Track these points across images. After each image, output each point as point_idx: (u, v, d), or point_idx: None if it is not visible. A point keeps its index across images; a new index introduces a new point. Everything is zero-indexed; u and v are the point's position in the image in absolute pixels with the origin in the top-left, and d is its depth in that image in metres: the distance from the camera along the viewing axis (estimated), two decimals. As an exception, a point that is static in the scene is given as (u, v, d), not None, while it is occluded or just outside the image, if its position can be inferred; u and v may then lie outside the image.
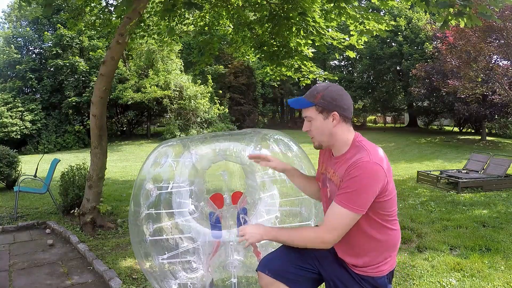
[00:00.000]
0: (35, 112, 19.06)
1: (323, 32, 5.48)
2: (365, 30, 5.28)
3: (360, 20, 5.16)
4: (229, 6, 5.99)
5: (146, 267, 2.60)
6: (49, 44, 20.05)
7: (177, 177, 2.56)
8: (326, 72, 7.34)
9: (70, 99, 19.14)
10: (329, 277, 1.77)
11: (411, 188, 7.32)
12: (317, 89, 1.68)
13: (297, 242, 1.67)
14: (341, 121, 1.66)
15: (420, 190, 7.08)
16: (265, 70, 7.28)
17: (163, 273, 2.49)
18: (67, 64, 19.26)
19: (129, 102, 18.97)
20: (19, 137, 18.09)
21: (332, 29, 5.79)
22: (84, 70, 19.40)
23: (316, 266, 1.78)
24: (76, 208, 4.82)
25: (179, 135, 18.61)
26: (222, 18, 6.56)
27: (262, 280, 1.78)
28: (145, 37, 6.58)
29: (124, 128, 23.24)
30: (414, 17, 22.50)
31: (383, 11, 22.04)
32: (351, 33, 5.58)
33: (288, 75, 6.77)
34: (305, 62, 6.39)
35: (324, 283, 1.85)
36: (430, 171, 8.33)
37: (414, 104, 23.81)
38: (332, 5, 4.91)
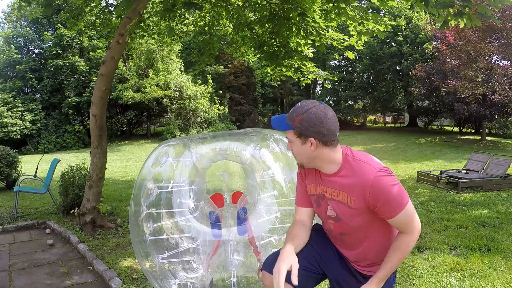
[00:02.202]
0: (35, 112, 19.06)
1: (323, 32, 5.48)
2: (364, 31, 5.29)
3: (360, 21, 5.16)
4: (229, 6, 5.99)
5: (146, 267, 2.61)
6: (49, 44, 20.07)
7: (177, 177, 2.56)
8: (326, 72, 7.35)
9: (70, 99, 19.15)
10: (333, 277, 1.82)
11: (411, 188, 7.32)
12: (297, 110, 1.60)
13: (404, 258, 1.68)
14: (320, 146, 1.60)
15: (420, 190, 7.08)
16: (265, 70, 7.29)
17: (163, 272, 2.49)
18: (67, 64, 19.27)
19: (129, 102, 18.98)
20: (19, 137, 18.10)
21: (332, 29, 5.80)
22: (84, 70, 19.41)
23: (320, 267, 1.80)
24: (76, 208, 4.82)
25: (179, 135, 18.61)
26: (222, 18, 6.57)
27: (266, 279, 1.78)
28: (145, 37, 6.58)
29: (124, 128, 23.25)
30: (414, 17, 22.51)
31: (383, 11, 22.05)
32: (351, 33, 5.58)
33: (288, 75, 6.77)
34: (305, 62, 6.39)
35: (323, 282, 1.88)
36: (430, 171, 8.33)
37: (414, 104, 23.82)
38: (331, 5, 4.92)
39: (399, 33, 22.30)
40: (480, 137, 19.06)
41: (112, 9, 6.11)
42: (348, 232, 1.71)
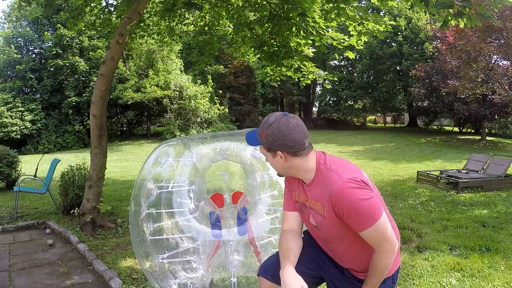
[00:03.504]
0: (35, 112, 19.06)
1: (323, 32, 5.48)
2: (364, 31, 5.29)
3: (359, 21, 5.16)
4: (229, 6, 5.99)
5: (146, 267, 2.61)
6: (49, 44, 20.06)
7: (177, 177, 2.56)
8: (326, 72, 7.36)
9: (70, 99, 19.14)
10: (330, 280, 1.82)
11: (411, 188, 7.32)
12: (263, 126, 1.63)
13: (383, 275, 1.63)
14: (290, 157, 1.60)
15: (420, 190, 7.08)
16: (265, 70, 7.28)
17: (163, 272, 2.49)
18: (67, 64, 19.26)
19: (129, 102, 18.97)
20: (19, 137, 18.09)
21: (332, 29, 5.79)
22: (84, 70, 19.40)
23: (317, 270, 1.80)
24: (76, 208, 4.82)
25: (179, 135, 18.61)
26: (222, 18, 6.56)
27: (263, 284, 1.78)
28: (145, 37, 6.58)
29: (124, 128, 23.24)
30: (414, 17, 22.52)
31: (383, 11, 22.05)
32: (351, 33, 5.58)
33: (288, 75, 6.77)
34: (305, 62, 6.39)
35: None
36: (430, 171, 8.33)
37: (414, 104, 23.82)
38: (331, 5, 4.92)
39: (399, 33, 22.30)
40: (480, 137, 19.07)
41: (112, 9, 6.11)
42: (330, 241, 1.69)
